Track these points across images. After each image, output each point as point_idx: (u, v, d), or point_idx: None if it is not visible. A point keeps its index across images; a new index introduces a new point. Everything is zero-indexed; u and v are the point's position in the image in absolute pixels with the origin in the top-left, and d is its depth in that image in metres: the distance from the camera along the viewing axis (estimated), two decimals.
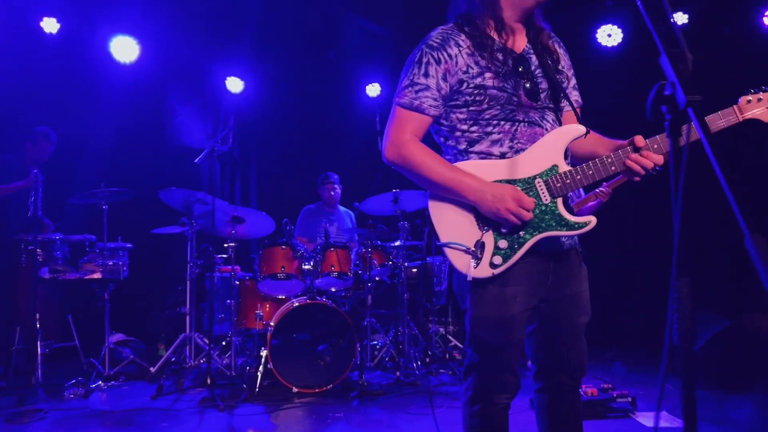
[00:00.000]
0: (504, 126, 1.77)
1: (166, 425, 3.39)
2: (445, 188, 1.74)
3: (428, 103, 1.77)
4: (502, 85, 1.75)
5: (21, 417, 3.54)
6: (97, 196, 4.40)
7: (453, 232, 1.77)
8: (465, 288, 1.81)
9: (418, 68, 1.77)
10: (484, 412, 1.84)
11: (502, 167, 1.76)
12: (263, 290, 4.43)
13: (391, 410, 3.65)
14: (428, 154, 1.77)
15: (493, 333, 1.77)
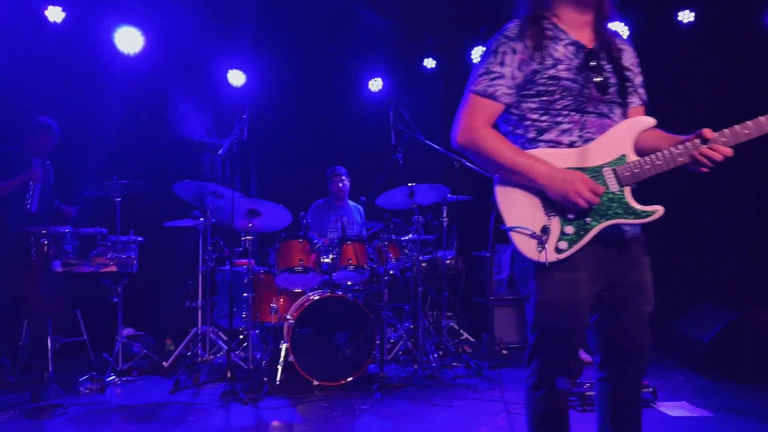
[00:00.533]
0: (574, 116, 1.81)
1: (194, 419, 3.36)
2: (515, 172, 1.78)
3: (502, 90, 1.81)
4: (574, 77, 1.80)
5: (40, 412, 3.47)
6: (110, 188, 4.33)
7: (519, 217, 1.80)
8: (529, 273, 1.84)
9: (494, 57, 1.82)
10: (549, 397, 1.86)
11: (571, 156, 1.80)
12: (280, 284, 4.41)
13: (416, 402, 3.66)
14: (500, 140, 1.82)
15: (557, 318, 1.80)
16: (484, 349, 5.07)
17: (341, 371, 4.06)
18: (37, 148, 4.58)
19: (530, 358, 1.90)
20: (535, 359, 1.88)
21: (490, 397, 3.74)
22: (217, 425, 3.27)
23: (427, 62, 6.81)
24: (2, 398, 3.87)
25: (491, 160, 1.81)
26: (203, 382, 4.10)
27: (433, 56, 6.78)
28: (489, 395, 3.80)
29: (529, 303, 1.86)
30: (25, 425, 3.28)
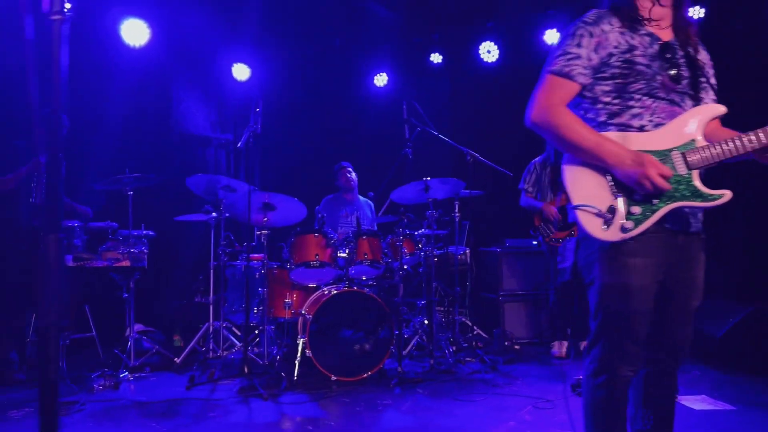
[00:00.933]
0: (645, 101, 1.86)
1: (214, 415, 3.31)
2: (586, 151, 1.82)
3: (578, 70, 1.85)
4: (648, 63, 1.85)
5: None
6: (123, 181, 4.26)
7: (586, 196, 1.84)
8: (594, 259, 1.87)
9: (571, 40, 1.87)
10: (609, 383, 1.87)
11: (640, 139, 1.84)
12: (295, 279, 4.36)
13: (436, 397, 3.64)
14: (574, 119, 1.86)
15: (623, 302, 1.81)
16: (495, 344, 5.07)
17: (359, 366, 4.03)
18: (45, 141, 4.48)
19: (591, 345, 1.91)
20: (597, 345, 1.89)
21: (510, 392, 3.73)
22: (240, 421, 3.22)
23: (433, 57, 6.78)
24: (14, 395, 3.80)
25: (564, 137, 1.84)
26: (218, 378, 4.05)
27: (439, 51, 6.75)
28: (509, 390, 3.78)
29: (594, 288, 1.88)
30: None
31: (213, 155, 6.71)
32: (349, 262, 4.30)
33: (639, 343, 1.85)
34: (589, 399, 1.91)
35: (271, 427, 3.14)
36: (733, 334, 4.29)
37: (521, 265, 5.51)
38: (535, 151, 5.09)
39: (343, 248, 4.30)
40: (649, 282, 1.81)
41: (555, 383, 3.95)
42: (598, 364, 1.87)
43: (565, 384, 3.80)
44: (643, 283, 1.80)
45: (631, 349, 1.84)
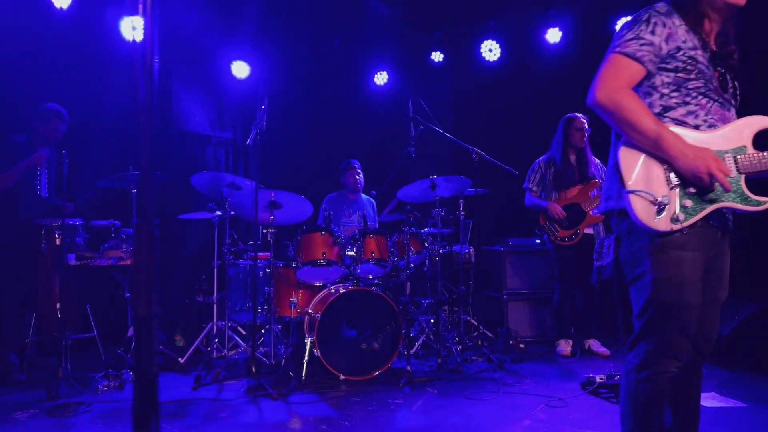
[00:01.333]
0: (701, 100, 1.90)
1: (225, 415, 3.27)
2: (648, 138, 1.84)
3: (649, 57, 1.88)
4: (707, 65, 1.90)
5: (62, 410, 3.34)
6: (127, 179, 4.19)
7: (641, 182, 1.86)
8: (643, 253, 1.88)
9: (645, 26, 1.89)
10: (653, 378, 1.88)
11: (697, 138, 1.87)
12: (302, 278, 4.32)
13: (447, 396, 3.61)
14: (640, 104, 1.87)
15: (677, 295, 1.84)
16: (500, 343, 5.06)
17: (367, 365, 4.00)
18: (46, 136, 4.41)
19: (636, 341, 1.92)
20: (643, 341, 1.90)
21: (521, 391, 3.71)
22: (252, 421, 3.18)
23: (434, 56, 6.75)
24: (16, 397, 3.73)
25: (629, 121, 1.84)
26: (224, 378, 4.00)
27: (440, 50, 6.72)
28: (519, 389, 3.77)
29: (642, 283, 1.89)
30: (50, 424, 3.15)
31: (212, 154, 6.64)
32: (357, 261, 4.26)
33: (689, 337, 1.86)
34: (631, 393, 1.92)
35: (284, 427, 3.09)
36: (738, 332, 4.30)
37: (525, 264, 5.50)
38: (536, 150, 5.08)
39: (350, 247, 4.26)
40: (698, 275, 1.85)
41: (564, 381, 3.94)
42: (643, 359, 1.88)
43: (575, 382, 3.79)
44: (694, 276, 1.84)
45: (682, 343, 1.86)
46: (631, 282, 1.94)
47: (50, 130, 4.40)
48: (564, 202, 4.77)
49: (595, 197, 4.71)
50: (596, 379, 3.66)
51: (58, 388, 3.69)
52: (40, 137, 4.41)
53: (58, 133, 4.45)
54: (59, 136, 4.47)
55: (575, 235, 4.72)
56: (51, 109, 4.41)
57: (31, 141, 4.40)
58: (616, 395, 3.47)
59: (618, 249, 1.98)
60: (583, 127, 4.75)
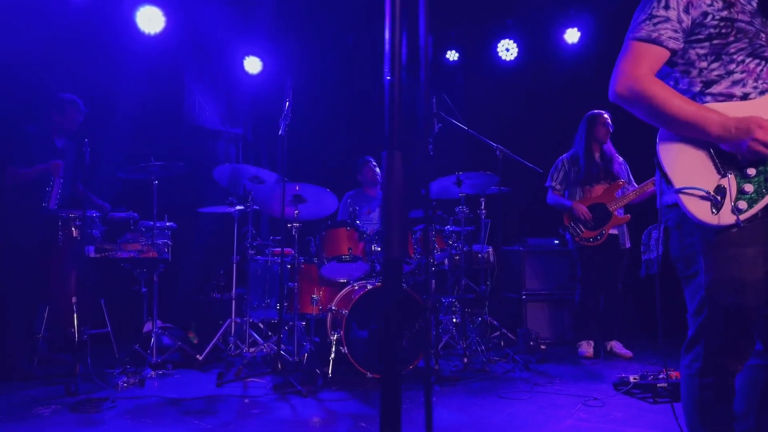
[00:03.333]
0: (749, 64, 1.70)
1: (258, 412, 3.16)
2: (685, 124, 1.65)
3: (667, 34, 1.70)
4: (750, 20, 1.70)
5: (85, 406, 3.22)
6: (149, 170, 4.08)
7: (689, 177, 1.68)
8: (697, 249, 1.72)
9: (657, 2, 1.72)
10: (719, 383, 1.75)
11: (744, 109, 1.66)
12: (325, 274, 4.23)
13: (480, 395, 3.53)
14: (666, 89, 1.69)
15: (735, 298, 1.66)
16: (521, 344, 4.99)
17: None
18: (62, 127, 4.29)
19: (693, 343, 1.78)
20: (701, 343, 1.75)
21: (554, 390, 3.65)
22: (286, 418, 3.08)
23: (449, 54, 6.70)
24: (32, 392, 3.60)
25: (657, 110, 1.67)
26: (246, 376, 3.89)
27: (456, 48, 6.68)
28: (551, 389, 3.70)
29: (696, 282, 1.73)
30: (76, 419, 3.03)
31: (223, 149, 6.53)
32: (380, 257, 4.18)
33: (750, 338, 1.73)
34: (694, 399, 1.78)
35: (322, 425, 3.00)
36: None
37: (544, 265, 5.44)
38: (552, 152, 5.02)
39: (376, 242, 4.18)
40: (761, 274, 1.64)
41: (594, 382, 3.87)
42: (705, 363, 1.73)
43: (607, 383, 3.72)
44: (755, 275, 1.64)
45: (741, 344, 1.72)
46: (684, 279, 1.79)
47: (66, 121, 4.29)
48: (589, 201, 4.72)
49: (621, 197, 4.67)
50: (630, 380, 3.60)
51: (77, 383, 3.56)
52: (55, 127, 4.29)
53: (74, 124, 4.33)
54: (75, 126, 4.35)
55: (600, 236, 4.67)
56: (66, 100, 4.29)
57: (46, 131, 4.28)
58: (652, 395, 3.42)
59: (667, 242, 1.82)
60: (607, 122, 4.71)
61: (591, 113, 4.76)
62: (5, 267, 4.12)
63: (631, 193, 4.65)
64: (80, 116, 4.36)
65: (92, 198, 4.44)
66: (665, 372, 3.63)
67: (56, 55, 4.82)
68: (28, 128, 4.24)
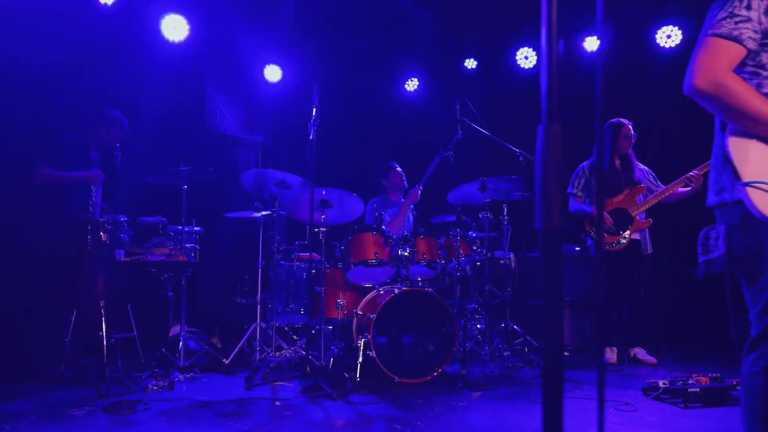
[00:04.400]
0: None
1: (291, 414, 3.17)
2: (759, 122, 1.71)
3: (748, 34, 1.75)
4: None
5: (119, 408, 3.25)
6: (179, 175, 4.13)
7: (757, 172, 1.72)
8: (762, 246, 1.74)
9: (739, 1, 1.76)
10: None
11: None
12: (351, 278, 4.25)
13: (510, 400, 3.53)
14: (745, 85, 1.74)
15: None
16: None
17: (421, 368, 3.92)
18: (101, 140, 4.33)
19: (760, 340, 1.79)
20: (763, 342, 1.76)
21: (582, 396, 3.64)
22: (321, 420, 3.09)
23: (468, 62, 6.75)
24: (63, 395, 3.62)
25: (735, 106, 1.72)
26: (274, 379, 3.91)
27: (474, 56, 6.72)
28: (579, 394, 3.70)
29: (763, 279, 1.76)
30: (111, 421, 3.04)
31: (243, 155, 6.59)
32: (409, 262, 4.19)
33: None
34: (759, 396, 1.78)
35: (356, 426, 3.00)
36: None
37: (565, 272, 5.43)
38: (573, 158, 5.03)
39: (404, 247, 4.19)
40: None
41: (622, 388, 3.86)
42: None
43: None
44: None
45: None
46: (750, 277, 1.80)
47: (107, 135, 4.33)
48: (610, 207, 4.73)
49: (642, 202, 4.68)
50: (659, 385, 3.59)
51: (107, 386, 3.59)
52: (94, 139, 4.34)
53: (114, 140, 4.34)
54: (114, 143, 4.36)
55: (623, 240, 4.67)
56: (114, 116, 4.35)
57: (84, 141, 4.33)
58: (683, 400, 3.41)
59: (729, 241, 1.84)
60: (630, 134, 4.73)
61: (614, 122, 4.78)
62: (32, 272, 4.16)
63: (652, 198, 4.67)
64: (122, 136, 4.38)
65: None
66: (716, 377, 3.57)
67: (87, 61, 4.89)
68: (67, 134, 4.30)
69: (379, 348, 3.85)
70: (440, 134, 6.93)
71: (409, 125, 7.09)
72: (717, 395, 3.48)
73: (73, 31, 4.81)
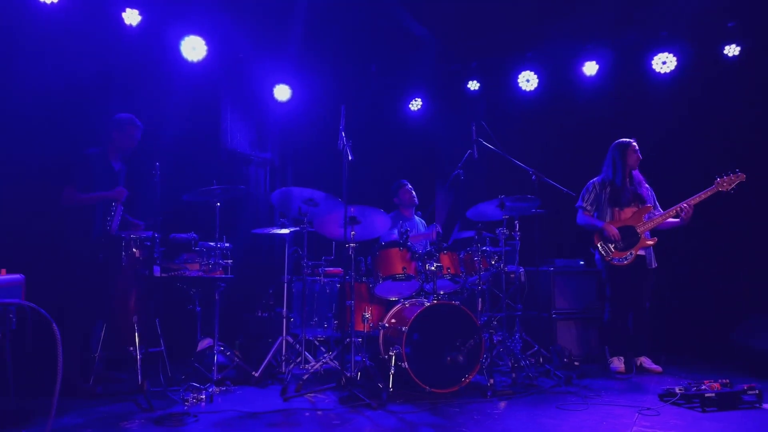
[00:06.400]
0: None
1: (338, 422, 3.31)
2: None
3: None
4: None
5: (169, 420, 3.33)
6: (212, 193, 4.25)
7: None
8: None
9: None
10: None
11: None
12: (379, 292, 4.42)
13: (541, 407, 3.72)
14: None
15: None
16: (555, 360, 5.19)
17: (449, 379, 4.09)
18: (121, 146, 4.44)
19: None
20: None
21: (606, 402, 3.85)
22: (370, 428, 3.23)
23: (471, 84, 7.01)
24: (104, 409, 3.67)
25: None
26: (309, 391, 4.03)
27: (477, 79, 6.99)
28: (602, 401, 3.90)
29: None
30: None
31: (254, 173, 6.71)
32: (434, 276, 4.37)
33: None
34: None
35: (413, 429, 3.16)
36: None
37: (571, 285, 5.70)
38: (571, 178, 5.26)
39: (430, 262, 4.37)
40: None
41: (639, 394, 4.09)
42: None
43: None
44: None
45: None
46: None
47: (126, 138, 4.44)
48: (618, 223, 5.00)
49: (649, 221, 4.96)
50: (676, 390, 3.82)
51: (148, 400, 3.67)
52: (115, 148, 4.44)
53: (134, 141, 4.48)
54: (134, 144, 4.50)
55: (630, 256, 4.94)
56: (125, 118, 4.46)
57: (105, 153, 4.43)
58: (703, 405, 3.64)
59: None
60: (637, 150, 5.03)
61: (621, 142, 5.07)
62: (63, 286, 4.22)
63: (657, 218, 4.96)
64: (138, 133, 4.50)
65: (129, 219, 4.55)
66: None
67: (112, 79, 4.99)
68: (88, 152, 4.38)
69: (411, 359, 4.01)
70: (443, 153, 7.20)
71: (412, 144, 7.30)
72: (731, 399, 3.72)
73: (100, 50, 4.92)
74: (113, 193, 4.27)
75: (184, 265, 4.31)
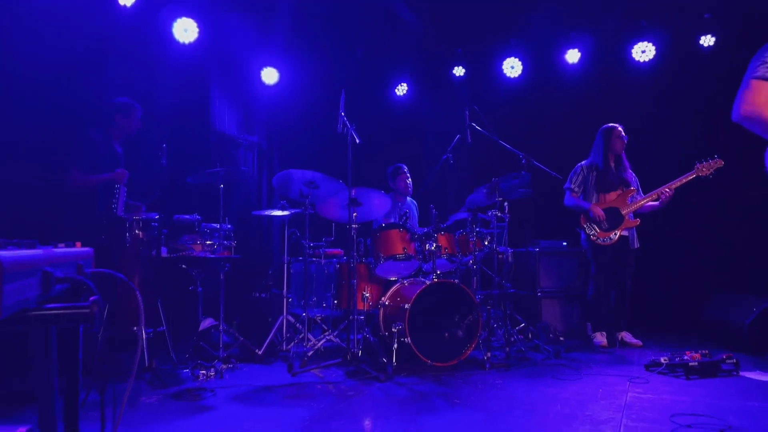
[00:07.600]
0: None
1: (353, 393, 3.46)
2: None
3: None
4: None
5: (189, 395, 3.44)
6: (217, 175, 4.31)
7: None
8: None
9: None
10: None
11: None
12: (379, 272, 4.56)
13: (539, 378, 3.93)
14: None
15: None
16: (542, 336, 5.44)
17: (448, 353, 4.28)
18: (124, 130, 4.47)
19: None
20: None
21: (597, 372, 4.10)
22: (383, 397, 3.39)
23: (456, 70, 7.16)
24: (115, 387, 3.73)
25: None
26: (317, 366, 4.16)
27: (462, 65, 7.14)
28: (594, 371, 4.14)
29: None
30: (188, 407, 3.23)
31: (242, 156, 6.74)
32: (433, 256, 4.54)
33: None
34: None
35: (418, 401, 3.32)
36: (759, 321, 4.89)
37: (555, 265, 5.95)
38: (556, 163, 5.45)
39: (430, 242, 4.53)
40: None
41: (625, 365, 4.35)
42: None
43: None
44: None
45: None
46: None
47: (131, 122, 4.48)
48: (604, 205, 5.25)
49: (632, 203, 5.22)
50: (661, 361, 4.10)
51: (160, 377, 3.75)
52: (118, 131, 4.47)
53: (136, 126, 4.52)
54: (137, 128, 4.53)
55: (614, 236, 5.20)
56: (130, 103, 4.50)
57: (108, 137, 4.44)
58: (684, 372, 3.92)
59: None
60: (622, 135, 5.28)
61: (607, 127, 5.31)
62: None
63: (640, 201, 5.22)
64: (139, 114, 4.54)
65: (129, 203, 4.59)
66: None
67: (106, 59, 4.95)
68: (92, 134, 4.38)
69: (413, 335, 4.18)
70: (430, 137, 7.35)
71: (398, 128, 7.43)
72: (712, 368, 4.02)
73: (94, 30, 4.87)
74: (116, 175, 4.30)
75: (189, 245, 4.36)
